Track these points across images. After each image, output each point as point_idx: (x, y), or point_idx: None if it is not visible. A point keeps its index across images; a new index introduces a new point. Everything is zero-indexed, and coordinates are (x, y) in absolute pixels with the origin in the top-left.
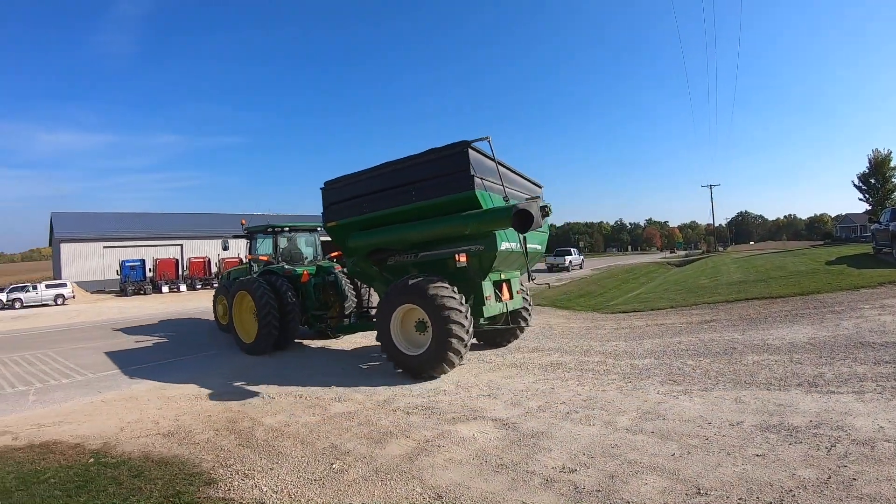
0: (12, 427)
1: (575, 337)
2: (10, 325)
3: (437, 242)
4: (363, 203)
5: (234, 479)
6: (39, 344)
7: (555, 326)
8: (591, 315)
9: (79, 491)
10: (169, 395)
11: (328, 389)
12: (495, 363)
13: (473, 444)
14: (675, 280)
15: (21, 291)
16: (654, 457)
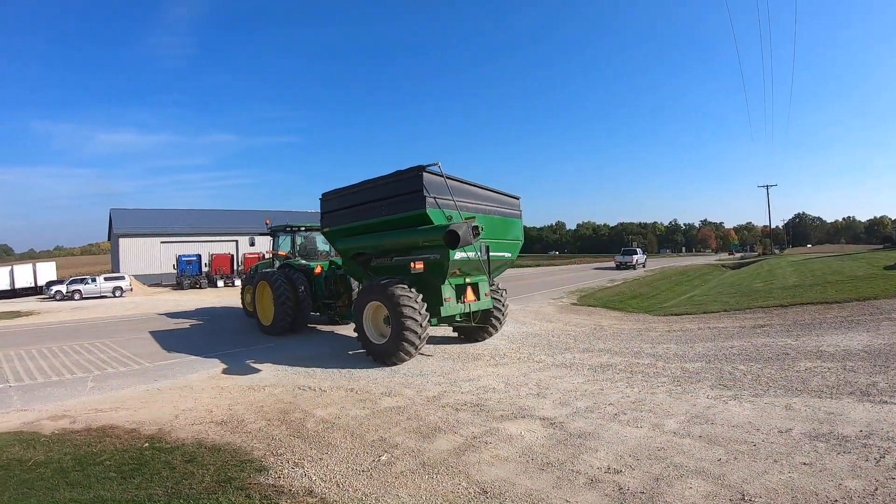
0: (71, 411)
1: (626, 339)
2: (70, 316)
3: (405, 250)
4: (347, 214)
5: (285, 468)
6: (98, 333)
7: (606, 328)
8: (642, 317)
9: (133, 473)
10: (223, 385)
11: (378, 384)
12: (545, 363)
13: (520, 441)
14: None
15: (80, 283)
16: (700, 461)
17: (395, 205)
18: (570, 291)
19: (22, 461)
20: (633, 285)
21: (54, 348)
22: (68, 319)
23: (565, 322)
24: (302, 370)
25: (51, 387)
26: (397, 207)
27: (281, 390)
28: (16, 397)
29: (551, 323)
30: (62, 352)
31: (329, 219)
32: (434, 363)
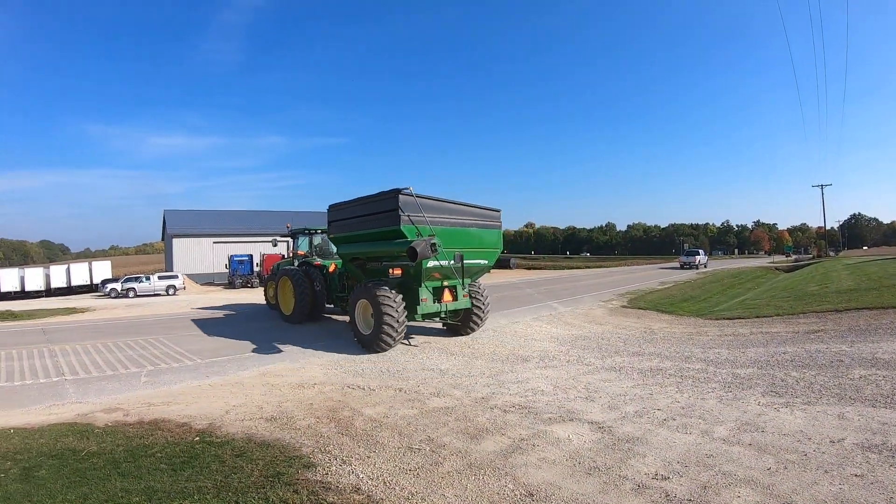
0: (124, 405)
1: (676, 342)
2: (124, 313)
3: (389, 258)
4: (345, 224)
5: (332, 465)
6: (151, 330)
7: (657, 331)
8: (694, 320)
9: (184, 466)
10: (272, 383)
11: (427, 384)
12: (594, 366)
13: (568, 445)
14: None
15: (135, 282)
16: (749, 470)
17: (379, 220)
18: (620, 294)
19: (76, 451)
20: (684, 288)
21: (109, 344)
22: (123, 316)
23: (615, 325)
24: (351, 369)
25: (105, 381)
26: (380, 223)
27: (330, 388)
28: (71, 390)
29: (601, 325)
30: (117, 347)
31: (333, 227)
32: (483, 364)
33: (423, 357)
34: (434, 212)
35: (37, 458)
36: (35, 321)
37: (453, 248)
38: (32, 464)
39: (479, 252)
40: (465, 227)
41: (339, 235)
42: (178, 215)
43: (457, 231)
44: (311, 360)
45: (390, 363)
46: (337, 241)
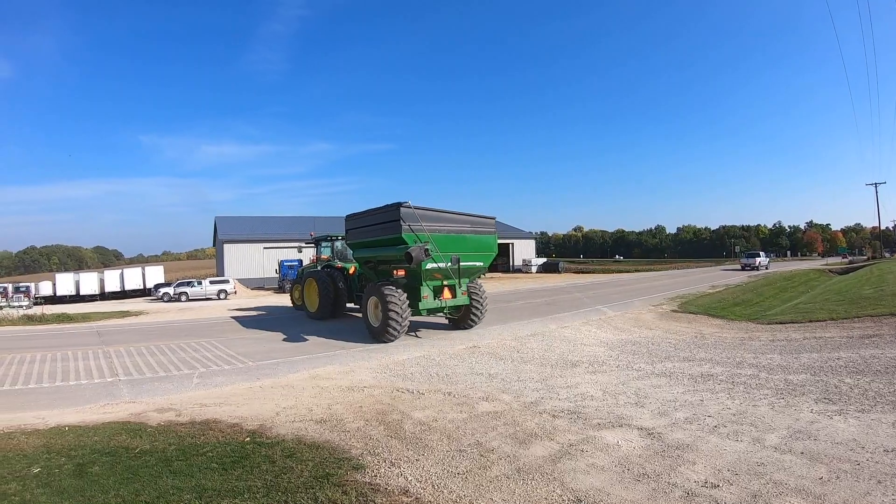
0: (177, 405)
1: (728, 348)
2: (177, 316)
3: (395, 261)
4: (359, 232)
5: (381, 467)
6: (203, 333)
7: (707, 336)
8: (745, 325)
9: (234, 465)
10: (322, 385)
11: (476, 389)
12: (644, 371)
13: (617, 451)
14: (836, 289)
15: (187, 286)
16: (800, 479)
17: (384, 229)
18: (670, 298)
19: (129, 449)
20: (735, 291)
21: (162, 346)
22: (175, 319)
23: (665, 329)
24: (400, 373)
25: (158, 381)
26: (385, 231)
27: (379, 392)
28: (125, 390)
29: (651, 330)
30: (169, 349)
31: (349, 234)
32: (532, 369)
33: (473, 361)
34: (431, 221)
35: (90, 454)
36: (90, 323)
37: (450, 252)
38: (86, 460)
39: (474, 255)
40: (461, 234)
41: (354, 242)
42: (230, 221)
43: (452, 237)
44: (360, 364)
45: (439, 367)
46: (353, 246)
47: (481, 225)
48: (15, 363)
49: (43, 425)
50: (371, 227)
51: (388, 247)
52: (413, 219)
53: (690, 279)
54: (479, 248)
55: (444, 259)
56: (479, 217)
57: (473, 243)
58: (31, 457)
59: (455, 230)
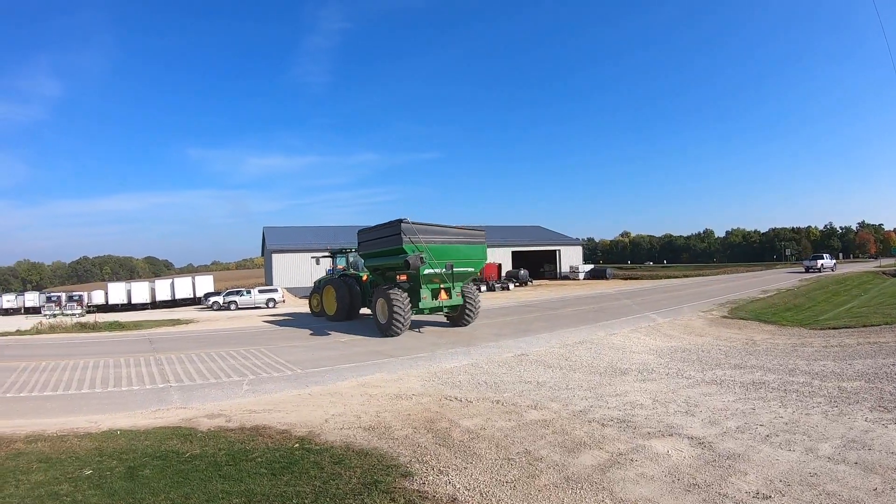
0: (227, 411)
1: (779, 354)
2: (226, 324)
3: (398, 268)
4: (369, 244)
5: (430, 474)
6: (252, 341)
7: (759, 342)
8: (797, 331)
9: (283, 471)
10: (370, 393)
11: (524, 397)
12: (694, 379)
13: (667, 460)
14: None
15: (236, 295)
16: (854, 490)
17: (388, 241)
18: (719, 303)
19: (179, 453)
20: (786, 296)
21: (212, 353)
22: (225, 328)
23: (715, 336)
24: (448, 381)
25: (208, 388)
26: (389, 243)
27: (427, 400)
28: (176, 396)
29: (701, 337)
30: (220, 357)
31: (361, 247)
32: (581, 377)
33: (521, 369)
34: (427, 234)
35: (141, 458)
36: (141, 331)
37: (444, 259)
38: (137, 463)
39: (466, 262)
40: (454, 244)
41: (365, 252)
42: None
43: (446, 247)
44: (408, 372)
45: (487, 375)
46: (364, 256)
47: (471, 236)
48: (69, 369)
49: (95, 429)
50: (378, 239)
51: (392, 256)
52: (412, 232)
53: (740, 284)
54: (470, 256)
55: (440, 265)
56: (469, 229)
57: (465, 252)
58: (83, 459)
59: (448, 241)
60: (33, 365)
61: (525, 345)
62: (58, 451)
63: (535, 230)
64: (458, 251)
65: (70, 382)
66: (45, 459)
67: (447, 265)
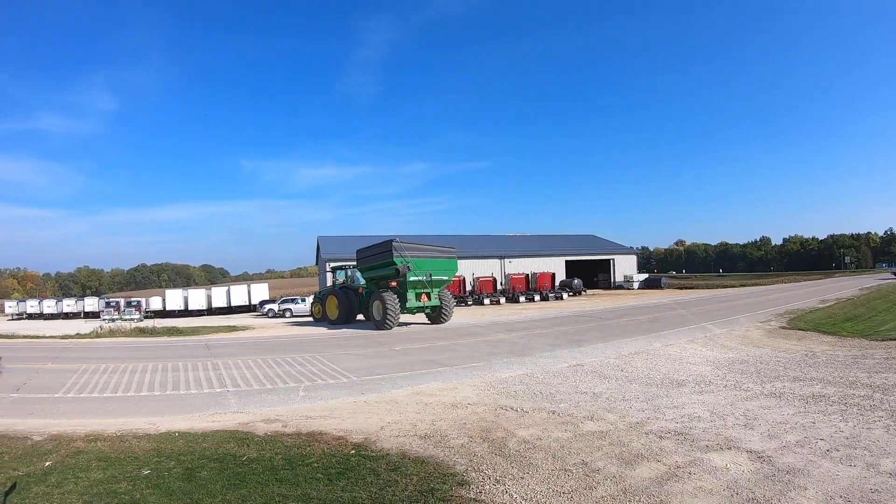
0: (283, 416)
1: (840, 366)
2: (281, 332)
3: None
4: (367, 259)
5: (486, 484)
6: (307, 348)
7: (818, 354)
8: (858, 342)
9: (339, 476)
10: (426, 402)
11: (581, 408)
12: (753, 392)
13: (725, 474)
14: None
15: (291, 303)
16: None
17: (383, 256)
18: (777, 313)
19: (236, 456)
20: (846, 306)
21: (268, 360)
22: (280, 335)
23: (773, 347)
24: (503, 390)
25: (265, 393)
26: (383, 257)
27: (483, 409)
28: (233, 401)
29: (759, 348)
30: (275, 363)
31: (360, 262)
32: (637, 388)
33: (576, 380)
34: (412, 250)
35: (199, 460)
36: (198, 337)
37: (425, 269)
38: (195, 465)
39: (441, 272)
40: (432, 258)
41: (363, 266)
42: (331, 241)
43: (426, 260)
44: (463, 381)
45: (543, 385)
46: (362, 269)
47: (445, 252)
48: (128, 372)
49: (154, 430)
50: (374, 255)
51: (385, 267)
52: (400, 249)
53: (798, 293)
54: (445, 267)
55: (421, 274)
56: (444, 247)
57: (440, 264)
58: (141, 459)
59: (428, 255)
60: (93, 367)
61: (580, 355)
62: (117, 451)
63: (588, 239)
64: (436, 263)
65: (129, 385)
66: (105, 458)
67: (427, 274)
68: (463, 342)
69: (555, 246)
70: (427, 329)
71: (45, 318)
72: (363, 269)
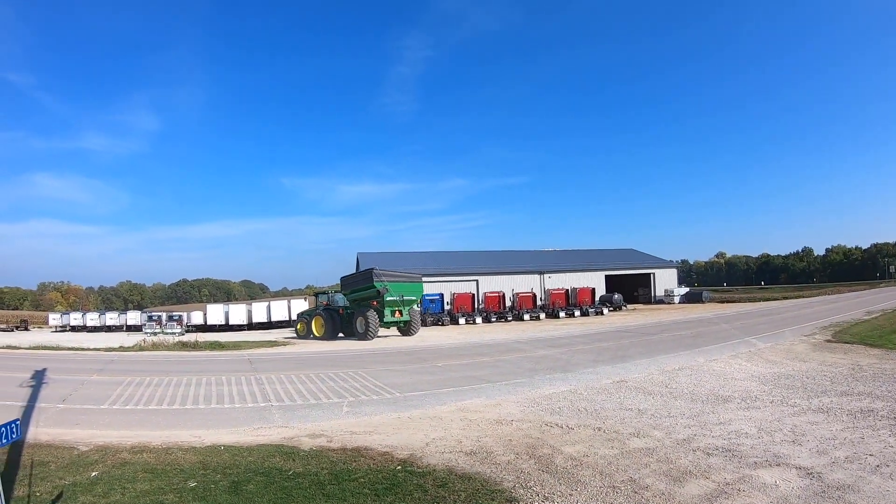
0: (327, 431)
1: (888, 380)
2: (322, 347)
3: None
4: (350, 284)
5: (535, 500)
6: (349, 364)
7: (865, 367)
8: None
9: (386, 492)
10: (470, 418)
11: (626, 424)
12: (800, 407)
13: (775, 491)
14: None
15: None
16: None
17: (364, 280)
18: (822, 326)
19: (282, 470)
20: (892, 317)
21: (311, 375)
22: (321, 350)
23: (820, 361)
24: (548, 407)
25: (309, 408)
26: (365, 282)
27: (528, 426)
28: (277, 415)
29: (804, 363)
30: (318, 378)
31: (344, 286)
32: (682, 405)
33: (621, 396)
34: (389, 277)
35: (245, 473)
36: (240, 351)
37: (398, 291)
38: (241, 478)
39: (410, 293)
40: (403, 283)
41: (347, 290)
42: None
43: (399, 284)
44: (507, 398)
45: (587, 402)
46: (347, 293)
47: (413, 278)
48: (172, 385)
49: (199, 443)
50: (357, 281)
51: (367, 289)
52: (379, 276)
53: (842, 305)
54: (413, 289)
55: (396, 295)
56: (412, 273)
57: (410, 287)
58: (187, 471)
59: (400, 280)
60: (138, 380)
61: (623, 371)
62: (162, 463)
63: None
64: (406, 287)
65: (174, 398)
66: (150, 470)
67: (400, 295)
68: (505, 358)
69: (594, 260)
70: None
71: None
72: (348, 292)
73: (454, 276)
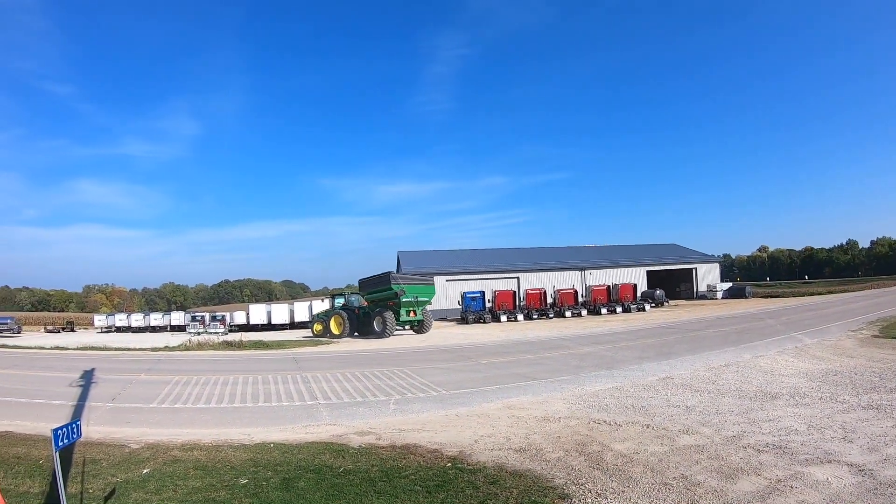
0: (376, 429)
1: None
2: (365, 346)
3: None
4: (368, 285)
5: (588, 497)
6: (393, 362)
7: None
8: None
9: (437, 489)
10: (518, 415)
11: (675, 421)
12: (849, 404)
13: (827, 488)
14: None
15: None
16: None
17: (383, 283)
18: (869, 321)
19: (332, 467)
20: None
21: (356, 373)
22: (365, 348)
23: (867, 357)
24: (595, 404)
25: (356, 406)
26: (382, 284)
27: (576, 423)
28: (325, 413)
29: (852, 359)
30: (364, 376)
31: (362, 288)
32: (730, 402)
33: (667, 393)
34: (404, 279)
35: (295, 470)
36: (285, 350)
37: (413, 293)
38: (292, 475)
39: (424, 294)
40: (417, 285)
41: (366, 291)
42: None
43: (414, 286)
44: (553, 395)
45: (634, 399)
46: (366, 294)
47: (426, 281)
48: (219, 384)
49: (248, 441)
50: (375, 283)
51: (384, 291)
52: (395, 279)
53: (889, 299)
54: (426, 291)
55: (411, 296)
56: (425, 276)
57: (423, 289)
58: (238, 469)
59: (415, 282)
60: (185, 379)
61: (669, 368)
62: (213, 460)
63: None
64: (420, 288)
65: (222, 396)
66: (202, 467)
67: (414, 296)
68: (549, 355)
69: (635, 256)
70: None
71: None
72: (366, 293)
73: (495, 274)
